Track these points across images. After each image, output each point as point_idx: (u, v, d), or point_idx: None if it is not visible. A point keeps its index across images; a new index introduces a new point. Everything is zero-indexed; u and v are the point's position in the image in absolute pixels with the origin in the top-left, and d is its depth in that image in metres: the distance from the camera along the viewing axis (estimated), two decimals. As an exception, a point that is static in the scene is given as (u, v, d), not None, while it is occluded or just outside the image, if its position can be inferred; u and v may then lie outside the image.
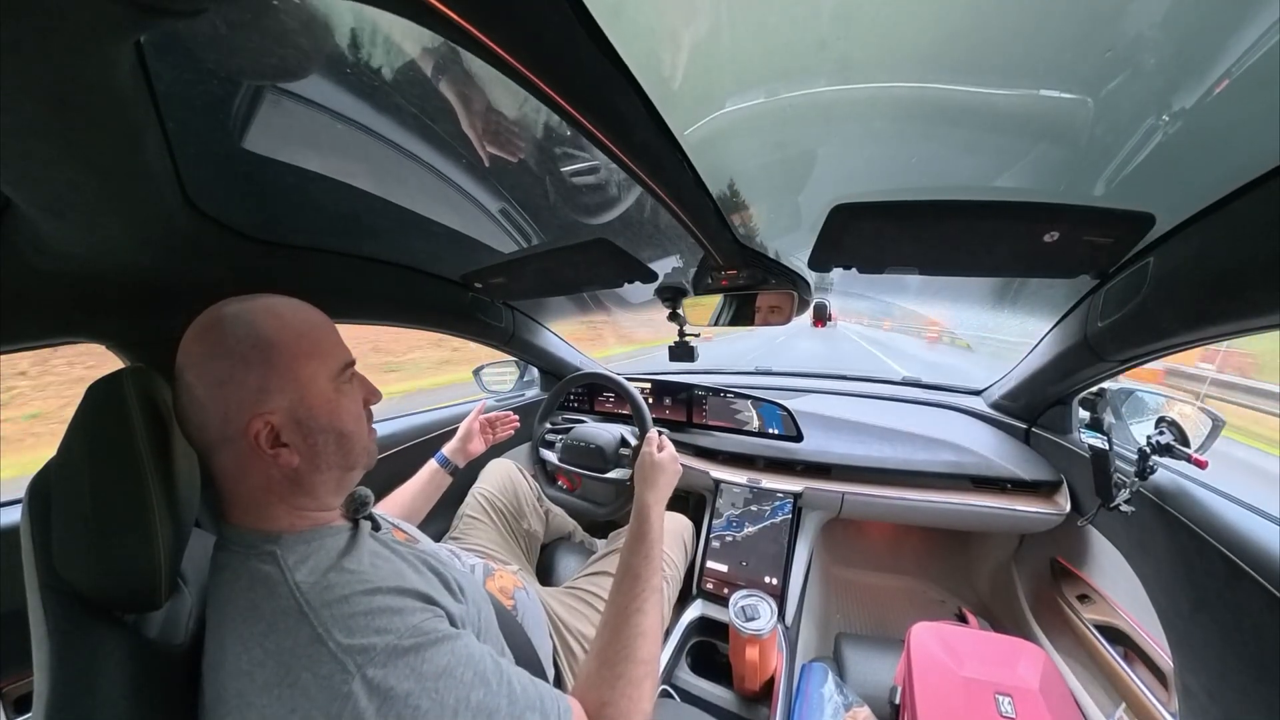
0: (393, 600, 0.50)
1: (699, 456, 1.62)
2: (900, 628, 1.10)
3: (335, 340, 0.59)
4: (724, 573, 1.37)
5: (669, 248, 1.13)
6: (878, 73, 0.56)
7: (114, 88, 0.41)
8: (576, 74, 0.43)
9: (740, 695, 1.12)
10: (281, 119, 0.61)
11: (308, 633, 0.45)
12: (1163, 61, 0.49)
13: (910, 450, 1.41)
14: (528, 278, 1.27)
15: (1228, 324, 0.70)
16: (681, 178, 0.67)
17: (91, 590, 0.48)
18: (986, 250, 0.87)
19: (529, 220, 0.98)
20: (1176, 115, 0.55)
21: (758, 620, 1.05)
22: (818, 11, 0.49)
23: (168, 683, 0.52)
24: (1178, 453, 0.88)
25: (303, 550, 0.53)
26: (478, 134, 0.68)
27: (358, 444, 0.59)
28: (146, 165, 0.53)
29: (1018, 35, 0.49)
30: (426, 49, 0.55)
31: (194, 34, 0.47)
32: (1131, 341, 0.89)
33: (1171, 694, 0.96)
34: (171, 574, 0.51)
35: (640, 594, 0.69)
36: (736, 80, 0.59)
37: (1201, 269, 0.69)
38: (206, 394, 0.50)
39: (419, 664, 0.45)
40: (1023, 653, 0.95)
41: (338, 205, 0.83)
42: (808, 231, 0.92)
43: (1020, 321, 1.33)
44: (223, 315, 0.52)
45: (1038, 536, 1.34)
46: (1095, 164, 0.66)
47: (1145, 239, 0.75)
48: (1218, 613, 0.78)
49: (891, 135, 0.68)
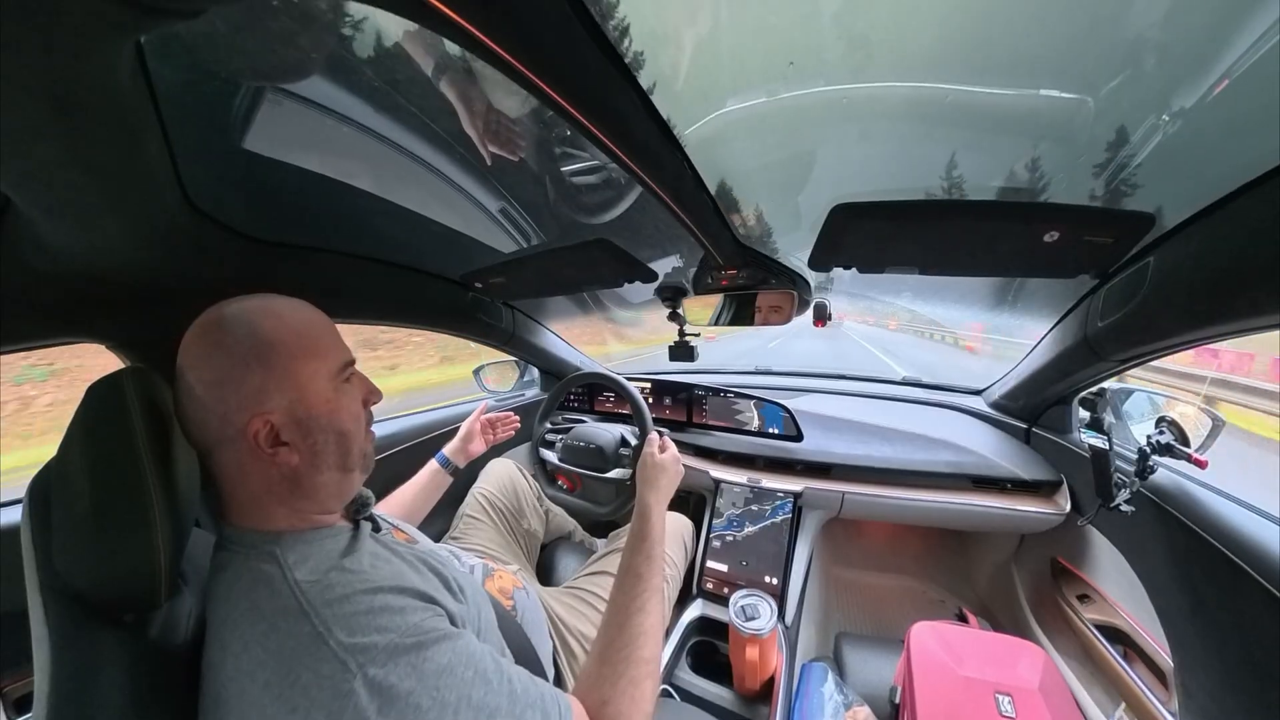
0: (394, 599, 0.50)
1: (699, 456, 1.62)
2: (900, 627, 1.10)
3: (334, 340, 0.59)
4: (724, 572, 1.37)
5: (669, 247, 1.13)
6: (878, 73, 0.56)
7: (114, 88, 0.41)
8: (577, 74, 0.43)
9: (740, 695, 1.12)
10: (282, 119, 0.61)
11: (309, 632, 0.45)
12: (1163, 61, 0.49)
13: (910, 450, 1.41)
14: (528, 277, 1.27)
15: (1228, 324, 0.70)
16: (681, 177, 0.67)
17: (92, 590, 0.48)
18: (986, 250, 0.87)
19: (529, 220, 0.98)
20: (1176, 115, 0.55)
21: (758, 620, 1.05)
22: (817, 12, 0.49)
23: (168, 683, 0.52)
24: (1178, 452, 0.88)
25: (303, 550, 0.53)
26: (478, 133, 0.68)
27: (357, 444, 0.59)
28: (146, 165, 0.53)
29: (1018, 35, 0.50)
30: (427, 49, 0.55)
31: (194, 34, 0.47)
32: (1131, 341, 0.89)
33: (1171, 693, 0.96)
34: (171, 574, 0.51)
35: (642, 594, 0.69)
36: (736, 80, 0.59)
37: (1201, 269, 0.69)
38: (206, 394, 0.50)
39: (420, 663, 0.45)
40: (1023, 652, 0.95)
41: (338, 205, 0.83)
42: (808, 231, 0.92)
43: (1020, 322, 1.33)
44: (222, 316, 0.52)
45: (1038, 536, 1.34)
46: (1095, 164, 0.66)
47: (1145, 239, 0.75)
48: (1218, 612, 0.78)
49: (892, 135, 0.68)
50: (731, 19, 0.50)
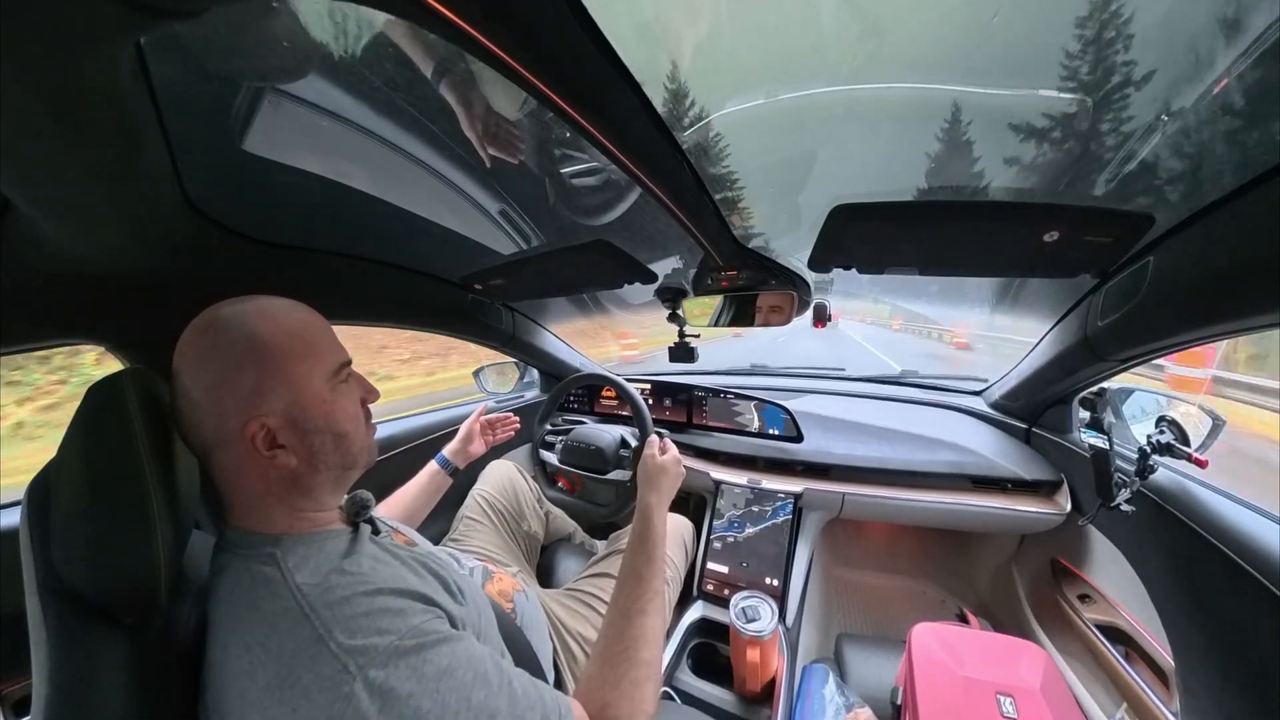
0: (394, 602, 0.50)
1: (699, 457, 1.62)
2: (901, 628, 1.10)
3: (330, 340, 0.58)
4: (725, 574, 1.37)
5: (669, 248, 1.13)
6: (878, 73, 0.57)
7: (114, 88, 0.41)
8: (576, 75, 0.42)
9: (741, 697, 1.12)
10: (281, 120, 0.61)
11: (309, 634, 0.45)
12: (1163, 61, 0.49)
13: (910, 450, 1.41)
14: (527, 279, 1.27)
15: (1227, 323, 0.70)
16: (681, 178, 0.67)
17: (91, 592, 0.48)
18: (986, 250, 0.87)
19: (529, 222, 0.98)
20: (1176, 115, 0.55)
21: (758, 621, 1.05)
22: (817, 13, 0.49)
23: (167, 685, 0.51)
24: (1178, 452, 0.88)
25: (303, 552, 0.52)
26: (477, 135, 0.68)
27: (355, 444, 0.59)
28: (146, 165, 0.53)
29: (1018, 35, 0.50)
30: (426, 50, 0.55)
31: (194, 35, 0.47)
32: (1131, 341, 0.89)
33: (1173, 693, 0.96)
34: (171, 576, 0.51)
35: (643, 595, 0.69)
36: (736, 81, 0.59)
37: (1201, 268, 0.69)
38: (202, 396, 0.50)
39: (420, 664, 0.45)
40: (1024, 653, 0.94)
41: (338, 206, 0.82)
42: (808, 231, 0.92)
43: (1019, 321, 1.33)
44: (217, 318, 0.52)
45: (1038, 536, 1.34)
46: (1095, 164, 0.66)
47: (1145, 239, 0.75)
48: (1219, 612, 0.78)
49: (891, 135, 0.69)
50: (731, 19, 0.50)
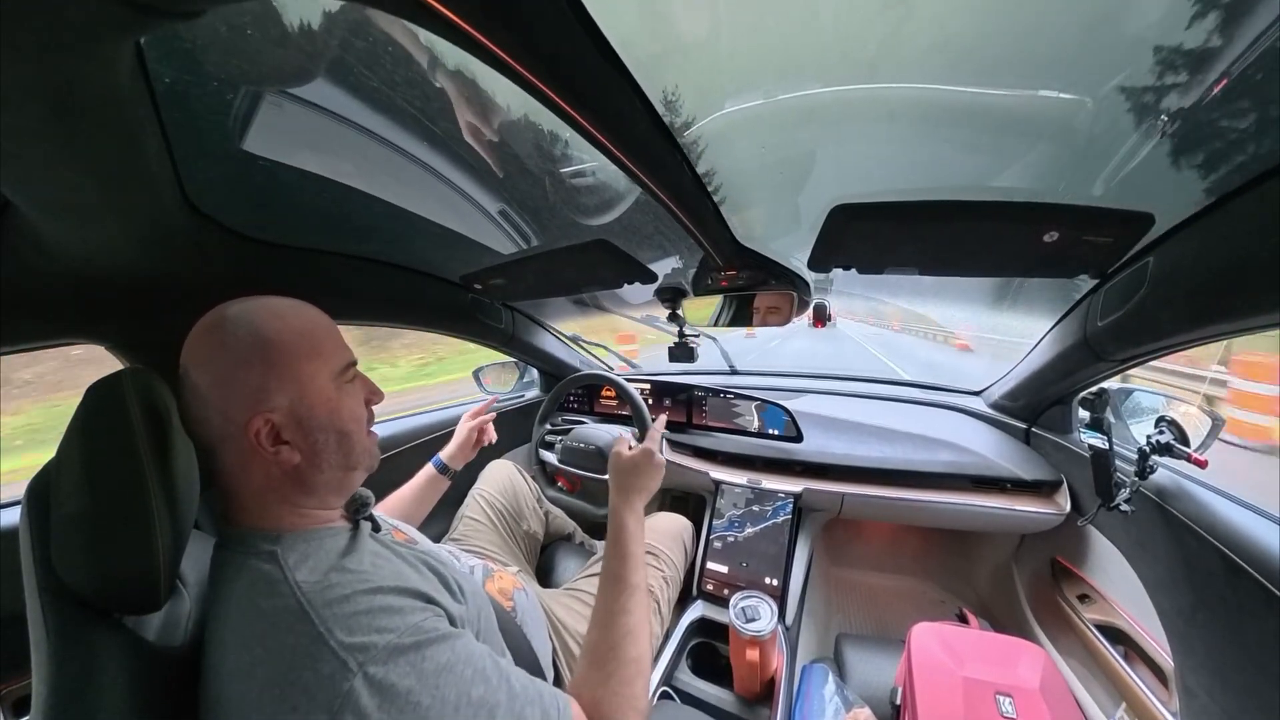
0: (394, 599, 0.50)
1: (699, 457, 1.62)
2: (901, 628, 1.10)
3: (336, 340, 0.59)
4: (724, 574, 1.37)
5: (669, 248, 1.13)
6: (877, 73, 0.56)
7: (114, 88, 0.41)
8: (576, 75, 0.43)
9: (741, 697, 1.12)
10: (281, 120, 0.61)
11: (309, 631, 0.45)
12: (1163, 61, 0.49)
13: (910, 450, 1.41)
14: (527, 279, 1.27)
15: (1227, 323, 0.70)
16: (681, 178, 0.67)
17: (90, 592, 0.48)
18: (986, 250, 0.87)
19: (528, 221, 0.98)
20: (1176, 115, 0.55)
21: (758, 621, 1.05)
22: (816, 13, 0.49)
23: (167, 684, 0.52)
24: (1177, 452, 0.88)
25: (303, 549, 0.53)
26: (477, 135, 0.68)
27: (358, 444, 0.60)
28: (146, 166, 0.53)
29: (1017, 35, 0.50)
30: (426, 50, 0.55)
31: (194, 35, 0.47)
32: (1131, 341, 0.89)
33: (1172, 693, 0.96)
34: (171, 575, 0.51)
35: (622, 594, 0.68)
36: (736, 81, 0.59)
37: (1201, 269, 0.69)
38: (209, 392, 0.51)
39: (420, 661, 0.46)
40: (1023, 653, 0.94)
41: (337, 206, 0.82)
42: (808, 231, 0.92)
43: (1020, 321, 1.33)
44: (225, 315, 0.53)
45: (1038, 536, 1.34)
46: (1095, 164, 0.66)
47: (1144, 239, 0.75)
48: (1218, 612, 0.78)
49: (891, 135, 0.68)
50: (731, 19, 0.50)
